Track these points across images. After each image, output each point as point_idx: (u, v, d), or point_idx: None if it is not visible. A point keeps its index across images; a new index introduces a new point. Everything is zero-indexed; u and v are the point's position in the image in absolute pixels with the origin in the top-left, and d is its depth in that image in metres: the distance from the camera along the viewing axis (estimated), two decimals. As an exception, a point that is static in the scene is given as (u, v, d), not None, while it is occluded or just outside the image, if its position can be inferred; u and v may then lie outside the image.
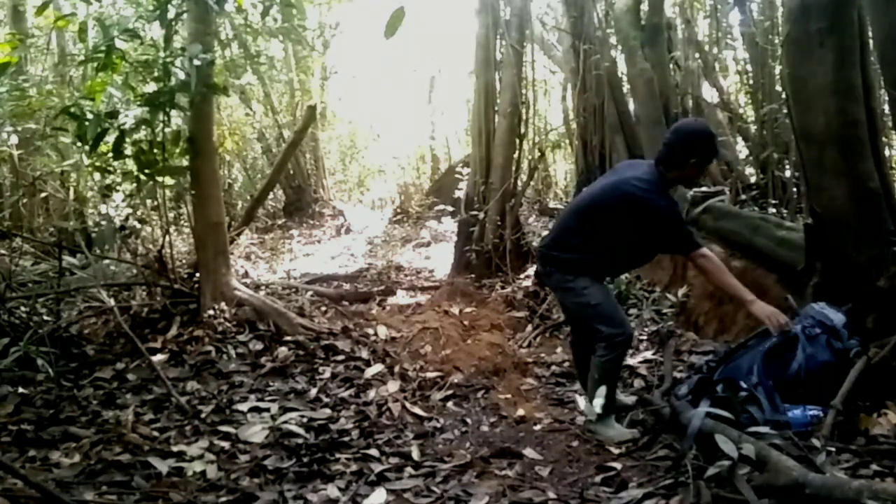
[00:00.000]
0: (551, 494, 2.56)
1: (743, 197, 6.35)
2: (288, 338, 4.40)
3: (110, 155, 4.39)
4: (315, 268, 8.59)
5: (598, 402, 3.19)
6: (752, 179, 7.42)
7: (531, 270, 6.35)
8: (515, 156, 6.83)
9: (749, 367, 2.95)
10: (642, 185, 3.01)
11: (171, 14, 4.37)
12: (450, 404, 3.85)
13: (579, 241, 3.18)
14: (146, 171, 4.40)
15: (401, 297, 6.47)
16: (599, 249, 3.14)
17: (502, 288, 6.07)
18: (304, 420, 3.33)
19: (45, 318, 4.30)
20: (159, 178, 4.60)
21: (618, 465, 2.78)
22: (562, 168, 14.14)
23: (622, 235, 3.10)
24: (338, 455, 2.96)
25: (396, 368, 4.21)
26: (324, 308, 5.57)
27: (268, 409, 3.45)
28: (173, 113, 4.56)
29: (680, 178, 3.14)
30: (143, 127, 4.42)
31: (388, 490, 2.63)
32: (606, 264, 3.25)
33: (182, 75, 4.15)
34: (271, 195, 12.14)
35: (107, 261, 5.45)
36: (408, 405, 3.69)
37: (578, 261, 3.18)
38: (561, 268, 3.24)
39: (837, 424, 2.61)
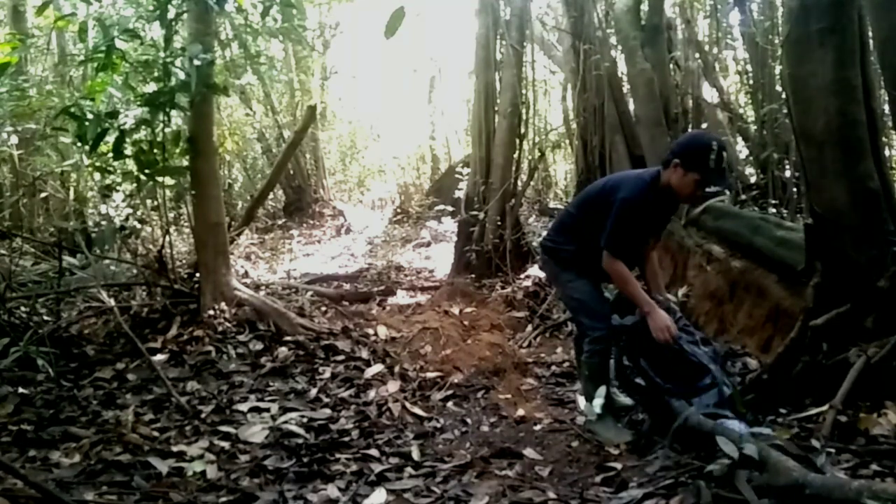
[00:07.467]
0: (551, 494, 2.56)
1: (743, 197, 6.33)
2: (288, 338, 4.40)
3: (110, 155, 4.39)
4: (315, 268, 8.58)
5: (598, 402, 3.21)
6: (752, 179, 7.41)
7: (531, 270, 6.35)
8: (515, 156, 6.84)
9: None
10: (629, 182, 3.10)
11: (171, 14, 4.37)
12: (450, 404, 3.85)
13: (571, 232, 3.32)
14: (146, 171, 4.40)
15: (401, 297, 6.47)
16: (586, 242, 3.19)
17: (502, 288, 6.07)
18: (304, 420, 3.33)
19: (45, 318, 4.30)
20: (159, 178, 4.60)
21: (618, 465, 2.79)
22: (562, 168, 14.12)
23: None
24: (338, 455, 2.96)
25: (396, 368, 4.22)
26: (324, 308, 5.56)
27: (268, 409, 3.46)
28: (173, 113, 4.57)
29: (669, 185, 3.01)
30: (143, 127, 4.43)
31: (388, 490, 2.63)
32: (593, 258, 3.18)
33: (182, 75, 4.16)
34: (271, 195, 12.13)
35: (107, 261, 5.45)
36: (408, 405, 3.70)
37: (568, 251, 3.31)
38: (554, 258, 3.40)
39: (837, 424, 2.61)
